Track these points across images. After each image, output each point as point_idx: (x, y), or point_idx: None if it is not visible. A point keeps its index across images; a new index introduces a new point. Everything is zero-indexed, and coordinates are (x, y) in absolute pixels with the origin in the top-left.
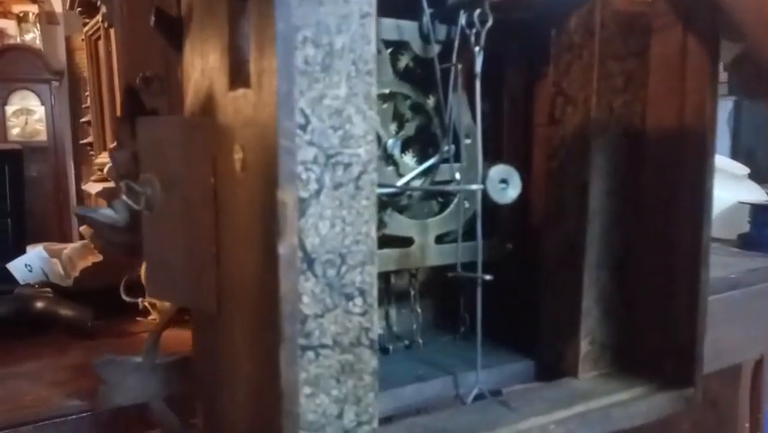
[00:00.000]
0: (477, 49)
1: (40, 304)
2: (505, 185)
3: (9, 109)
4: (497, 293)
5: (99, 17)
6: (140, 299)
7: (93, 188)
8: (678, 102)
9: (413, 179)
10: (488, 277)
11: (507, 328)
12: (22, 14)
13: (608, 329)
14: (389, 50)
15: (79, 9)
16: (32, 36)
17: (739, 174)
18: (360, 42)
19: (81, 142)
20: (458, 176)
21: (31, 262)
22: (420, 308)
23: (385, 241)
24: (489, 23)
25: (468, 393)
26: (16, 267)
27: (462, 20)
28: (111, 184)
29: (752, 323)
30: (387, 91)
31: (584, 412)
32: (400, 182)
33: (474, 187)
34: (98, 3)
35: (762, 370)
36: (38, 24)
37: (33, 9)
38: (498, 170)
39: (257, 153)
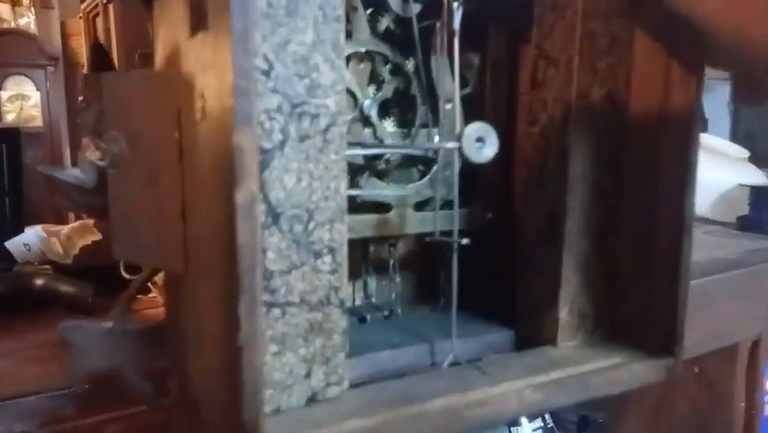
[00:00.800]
0: (456, 4)
1: (40, 281)
2: (481, 144)
3: (4, 94)
4: (476, 264)
5: None
6: (136, 277)
7: None
8: (664, 65)
9: (390, 143)
10: (464, 241)
11: (486, 299)
12: None
13: (588, 299)
14: (369, 11)
15: None
16: (27, 21)
17: (739, 157)
18: None
19: (78, 120)
20: (437, 139)
21: (29, 242)
22: (399, 279)
23: (362, 207)
24: None
25: (444, 360)
26: (14, 246)
27: None
28: None
29: (750, 303)
30: (363, 50)
31: (562, 378)
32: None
33: (449, 145)
34: None
35: (759, 349)
36: (32, 8)
37: None
38: (474, 128)
39: (216, 99)
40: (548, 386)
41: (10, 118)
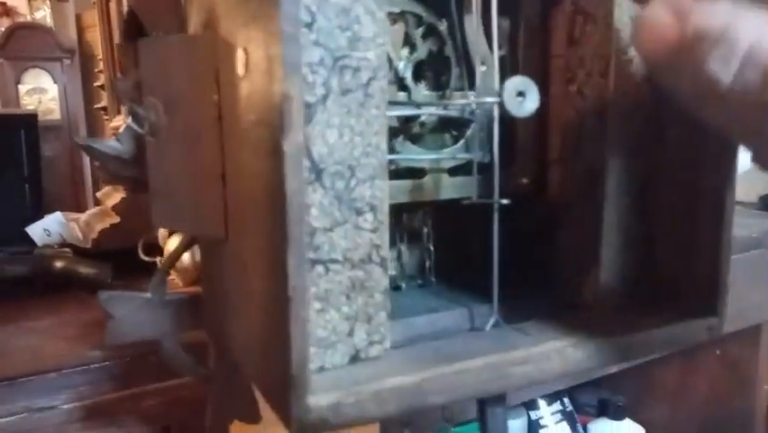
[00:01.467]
0: None
1: (60, 263)
2: (522, 98)
3: (22, 88)
4: (512, 229)
5: None
6: (158, 259)
7: None
8: None
9: (425, 106)
10: (504, 201)
11: (523, 264)
12: None
13: (628, 260)
14: None
15: None
16: (43, 14)
17: None
18: None
19: (96, 106)
20: (473, 97)
21: (49, 227)
22: (433, 247)
23: (396, 172)
24: None
25: (484, 324)
26: (35, 231)
27: None
28: None
29: None
30: (397, 10)
31: (604, 338)
32: (412, 109)
33: (490, 99)
34: None
35: None
36: (48, 1)
37: None
38: (514, 82)
39: (261, 50)
40: (589, 345)
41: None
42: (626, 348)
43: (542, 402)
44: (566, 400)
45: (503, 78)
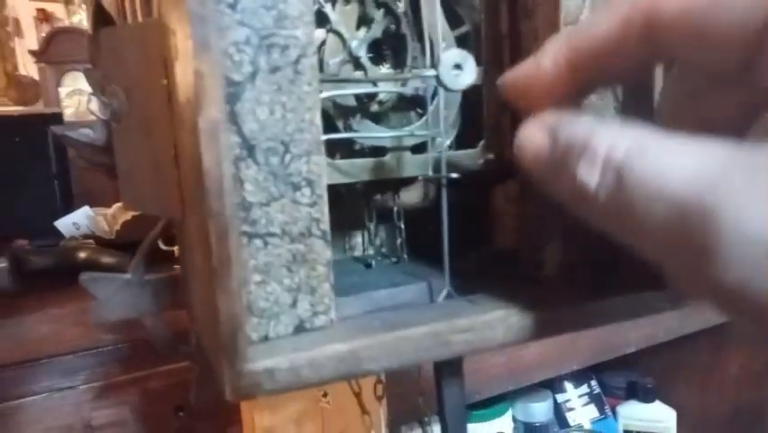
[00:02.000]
0: None
1: (83, 254)
2: (458, 71)
3: (63, 91)
4: (483, 204)
5: None
6: (176, 248)
7: None
8: None
9: (372, 79)
10: (454, 175)
11: (490, 240)
12: None
13: (589, 238)
14: None
15: None
16: (79, 18)
17: None
18: None
19: (87, 80)
20: (436, 69)
21: (77, 221)
22: (404, 225)
23: (360, 152)
24: None
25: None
26: (64, 225)
27: None
28: None
29: None
30: None
31: (554, 307)
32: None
33: (427, 73)
34: None
35: None
36: (84, 6)
37: None
38: (451, 55)
39: (181, 32)
40: (536, 314)
41: (69, 112)
42: (576, 317)
43: (568, 385)
44: (593, 382)
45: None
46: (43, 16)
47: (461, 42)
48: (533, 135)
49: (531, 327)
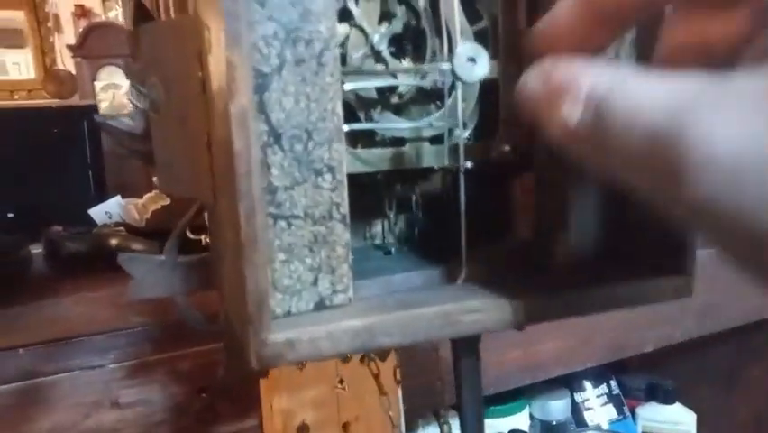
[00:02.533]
0: None
1: (115, 241)
2: (473, 63)
3: (98, 84)
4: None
5: None
6: (203, 237)
7: None
8: None
9: (391, 72)
10: (468, 164)
11: (507, 228)
12: None
13: (600, 222)
14: None
15: None
16: (115, 13)
17: None
18: None
19: (127, 74)
20: (451, 62)
21: (110, 209)
22: (422, 214)
23: (380, 142)
24: None
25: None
26: (97, 213)
27: None
28: None
29: None
30: None
31: (561, 291)
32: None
33: (443, 66)
34: None
35: None
36: (119, 1)
37: None
38: (465, 48)
39: (215, 27)
40: (544, 297)
41: (104, 106)
42: (581, 302)
43: (587, 384)
44: (613, 382)
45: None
46: (81, 12)
47: (480, 37)
48: (530, 79)
49: (538, 309)
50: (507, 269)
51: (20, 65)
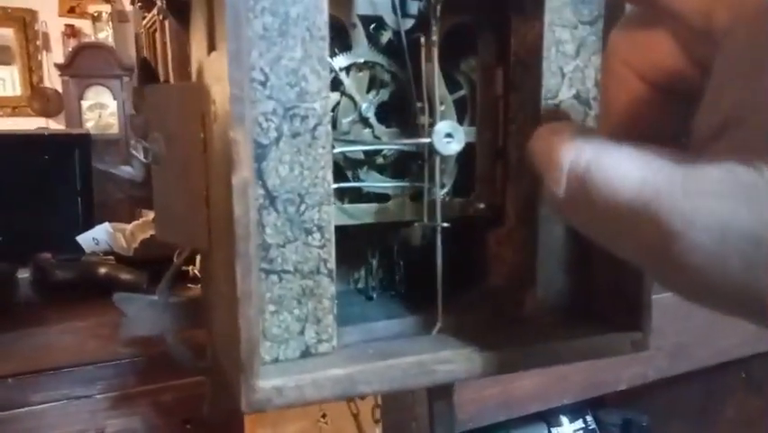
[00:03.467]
0: (433, 21)
1: (103, 269)
2: (450, 138)
3: (85, 104)
4: (475, 250)
5: (155, 11)
6: (191, 267)
7: None
8: None
9: (379, 141)
10: (445, 224)
11: (479, 282)
12: (96, 14)
13: (564, 278)
14: (372, 27)
15: (139, 4)
16: (105, 34)
17: None
18: (313, 11)
19: (130, 125)
20: (431, 137)
21: (98, 236)
22: (403, 262)
23: (366, 197)
24: None
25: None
26: (85, 240)
27: None
28: None
29: None
30: (362, 60)
31: (531, 345)
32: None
33: (422, 140)
34: None
35: None
36: (110, 23)
37: (107, 8)
38: (443, 126)
39: (222, 104)
40: (515, 351)
41: (89, 125)
42: (549, 354)
43: (564, 419)
44: (589, 418)
45: (461, 117)
46: (71, 32)
47: (459, 104)
48: (530, 143)
49: (506, 361)
50: (479, 319)
51: (5, 81)
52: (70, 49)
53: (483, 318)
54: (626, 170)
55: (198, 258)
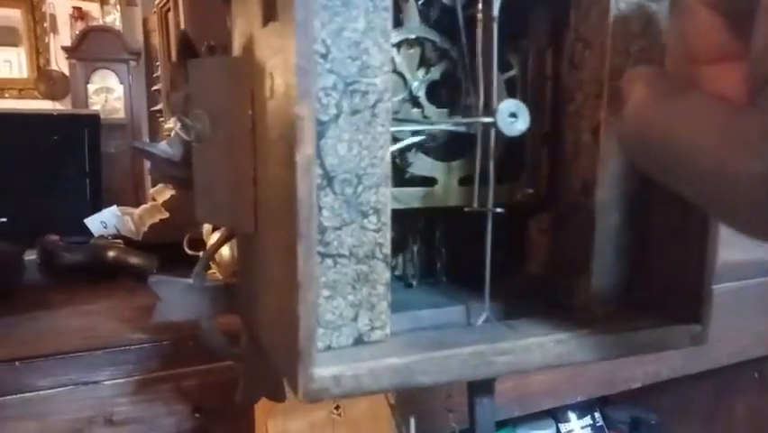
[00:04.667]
0: None
1: (112, 253)
2: (514, 118)
3: (91, 87)
4: (520, 235)
5: None
6: (201, 253)
7: None
8: None
9: (433, 120)
10: (498, 210)
11: (528, 268)
12: None
13: (620, 267)
14: (421, 2)
15: None
16: (113, 18)
17: None
18: None
19: (152, 109)
20: (494, 117)
21: (105, 220)
22: (444, 249)
23: (412, 181)
24: None
25: (478, 320)
26: (93, 223)
27: None
28: None
29: None
30: (413, 36)
31: (587, 336)
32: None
33: (485, 120)
34: None
35: None
36: (118, 6)
37: None
38: (507, 105)
39: (282, 78)
40: (572, 342)
41: (96, 109)
42: (605, 346)
43: (572, 415)
44: (597, 414)
45: (512, 97)
46: (79, 14)
47: (509, 84)
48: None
49: (565, 353)
50: (526, 308)
51: (12, 63)
52: (78, 32)
53: (531, 308)
54: (688, 120)
55: (237, 243)
